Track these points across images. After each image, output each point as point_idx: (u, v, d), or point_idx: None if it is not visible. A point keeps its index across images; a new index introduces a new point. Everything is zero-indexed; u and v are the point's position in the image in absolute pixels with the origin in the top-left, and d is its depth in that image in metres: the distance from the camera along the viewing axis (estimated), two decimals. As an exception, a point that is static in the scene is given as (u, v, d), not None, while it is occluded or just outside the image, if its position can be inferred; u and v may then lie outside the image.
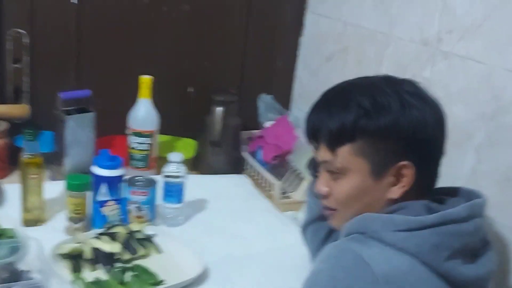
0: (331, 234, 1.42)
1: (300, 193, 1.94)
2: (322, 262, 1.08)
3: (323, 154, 1.16)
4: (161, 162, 1.98)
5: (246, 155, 2.17)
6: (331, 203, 1.20)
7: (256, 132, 2.27)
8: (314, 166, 1.34)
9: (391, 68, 1.79)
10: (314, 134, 1.18)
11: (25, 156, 1.53)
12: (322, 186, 1.20)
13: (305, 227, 1.50)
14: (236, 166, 2.15)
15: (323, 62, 2.17)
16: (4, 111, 1.88)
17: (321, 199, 1.23)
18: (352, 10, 1.99)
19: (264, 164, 2.08)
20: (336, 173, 1.16)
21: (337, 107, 1.13)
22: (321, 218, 1.40)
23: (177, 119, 2.20)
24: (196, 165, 2.11)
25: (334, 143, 1.14)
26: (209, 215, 1.80)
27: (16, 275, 1.25)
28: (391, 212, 1.12)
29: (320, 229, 1.43)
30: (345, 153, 1.13)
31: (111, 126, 2.07)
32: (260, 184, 2.07)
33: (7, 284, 1.21)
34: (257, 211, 1.86)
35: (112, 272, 1.39)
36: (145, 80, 1.89)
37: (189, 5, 2.13)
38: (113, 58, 2.08)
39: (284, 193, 1.97)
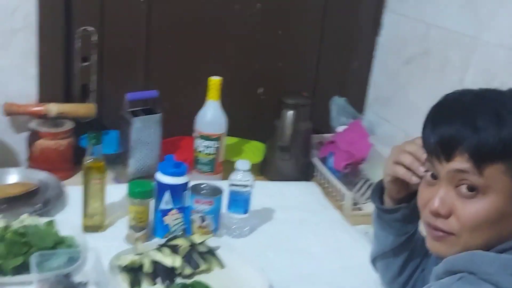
0: (405, 268, 1.30)
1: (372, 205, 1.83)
2: None
3: (461, 164, 0.96)
4: (227, 165, 1.91)
5: (316, 161, 2.06)
6: (450, 226, 0.99)
7: (327, 136, 2.17)
8: (379, 189, 1.25)
9: (478, 75, 1.66)
10: (449, 145, 0.97)
11: (88, 160, 1.48)
12: (442, 204, 0.99)
13: (374, 260, 1.36)
14: (305, 173, 2.06)
15: (401, 65, 2.04)
16: (69, 110, 1.84)
17: (433, 218, 1.01)
18: (437, 11, 1.86)
19: (335, 171, 1.98)
20: (472, 191, 0.96)
21: (486, 117, 0.95)
22: (393, 252, 1.29)
23: (245, 121, 2.12)
24: (263, 170, 2.03)
25: (483, 159, 0.94)
26: (275, 226, 1.70)
27: (71, 288, 1.20)
28: (504, 251, 0.96)
29: (393, 263, 1.30)
30: (494, 171, 0.94)
31: (177, 128, 2.02)
32: (330, 193, 1.97)
33: (61, 300, 1.16)
34: (327, 223, 1.75)
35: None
36: (215, 82, 1.82)
37: (261, 3, 2.04)
38: (181, 57, 2.01)
39: (355, 204, 1.86)
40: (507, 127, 0.94)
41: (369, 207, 1.82)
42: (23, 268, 1.29)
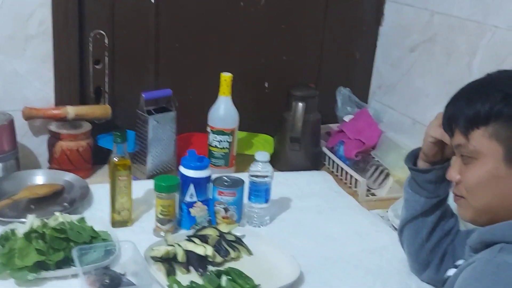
0: (434, 233, 1.37)
1: (385, 190, 1.89)
2: (477, 280, 1.01)
3: (457, 138, 1.15)
4: (238, 159, 1.96)
5: (325, 150, 2.12)
6: (460, 191, 1.18)
7: (334, 126, 2.23)
8: (413, 156, 1.36)
9: (487, 59, 1.71)
10: (450, 122, 1.17)
11: (114, 158, 1.53)
12: (454, 173, 1.19)
13: (403, 226, 1.43)
14: (315, 162, 2.11)
15: (405, 53, 2.09)
16: (86, 112, 1.88)
17: (453, 187, 1.21)
18: (440, -1, 1.91)
19: (345, 160, 2.03)
20: (468, 158, 1.14)
21: (477, 95, 1.12)
22: (423, 214, 1.36)
23: (253, 115, 2.17)
24: (274, 161, 2.06)
25: (468, 126, 1.12)
26: (294, 214, 1.76)
27: (117, 279, 1.25)
28: None
29: (422, 227, 1.38)
30: (479, 136, 1.11)
31: (190, 124, 2.07)
32: (341, 181, 2.02)
33: (110, 290, 1.20)
34: (344, 210, 1.80)
35: (206, 276, 1.36)
36: (226, 78, 1.87)
37: (265, -1, 2.10)
38: (189, 56, 2.06)
39: (368, 190, 1.92)
40: (488, 98, 1.10)
41: (382, 193, 1.89)
42: (63, 263, 1.34)
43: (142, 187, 1.74)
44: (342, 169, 2.02)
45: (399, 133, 2.03)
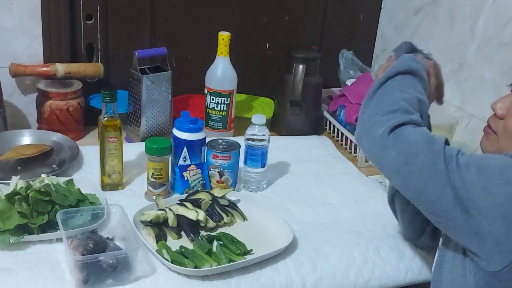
0: None
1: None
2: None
3: None
4: (238, 122, 1.90)
5: (326, 115, 2.05)
6: (497, 126, 1.16)
7: (336, 90, 2.16)
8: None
9: (490, 23, 1.64)
10: None
11: (103, 119, 1.46)
12: (501, 106, 1.16)
13: (394, 194, 1.35)
14: (315, 127, 2.05)
15: (410, 16, 2.02)
16: (77, 70, 1.81)
17: (490, 116, 1.19)
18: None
19: (346, 124, 1.97)
20: None
21: None
22: None
23: (253, 77, 2.10)
24: (273, 125, 2.01)
25: None
26: (291, 179, 1.70)
27: (101, 244, 1.19)
28: None
29: None
30: None
31: (187, 85, 2.00)
32: (341, 146, 1.96)
33: (94, 254, 1.15)
34: (342, 175, 1.75)
35: (197, 241, 1.31)
36: (224, 37, 1.79)
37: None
38: (187, 13, 1.98)
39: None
40: None
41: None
42: (48, 226, 1.28)
43: (135, 150, 1.69)
44: (342, 134, 1.96)
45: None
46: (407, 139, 1.06)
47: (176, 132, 1.52)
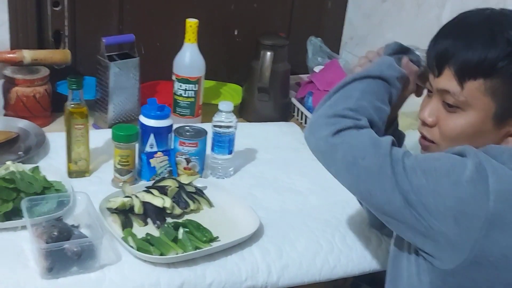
0: None
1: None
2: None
3: (446, 82, 1.08)
4: (206, 108, 1.90)
5: (294, 101, 2.07)
6: (433, 135, 1.13)
7: (304, 77, 2.17)
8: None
9: (456, 11, 1.65)
10: (441, 59, 1.08)
11: (69, 105, 1.46)
12: (429, 115, 1.13)
13: None
14: (283, 113, 2.06)
15: (378, 3, 2.04)
16: (44, 57, 1.79)
17: (421, 127, 1.16)
18: None
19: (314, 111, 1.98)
20: (454, 106, 1.08)
21: (481, 38, 1.03)
22: None
23: (221, 64, 2.11)
24: (241, 112, 2.02)
25: (466, 74, 1.05)
26: (259, 166, 1.71)
27: (66, 232, 1.19)
28: None
29: None
30: (474, 88, 1.05)
31: (155, 72, 1.99)
32: (309, 133, 1.98)
33: (58, 242, 1.15)
34: (310, 162, 1.72)
35: (163, 228, 1.32)
36: (192, 23, 1.79)
37: None
38: (156, 0, 1.97)
39: (336, 142, 1.88)
40: (495, 48, 1.01)
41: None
42: (13, 214, 1.28)
43: (103, 136, 1.68)
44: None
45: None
46: (353, 141, 1.06)
47: (143, 119, 1.53)
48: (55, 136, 1.68)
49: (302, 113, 2.02)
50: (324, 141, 1.09)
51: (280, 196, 1.57)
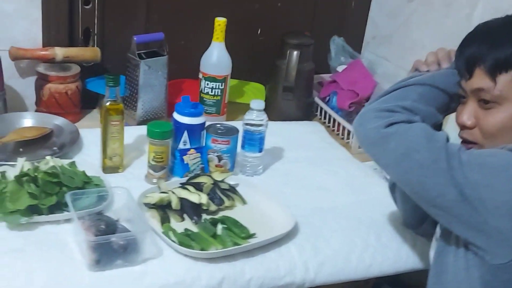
0: None
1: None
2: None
3: (479, 81, 1.12)
4: (228, 107, 1.93)
5: (318, 101, 2.09)
6: (474, 136, 1.15)
7: (326, 76, 2.20)
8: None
9: (488, 12, 1.66)
10: (470, 62, 1.13)
11: (106, 102, 1.48)
12: (468, 117, 1.15)
13: (394, 185, 1.38)
14: (306, 113, 2.09)
15: (403, 2, 2.05)
16: (76, 54, 1.82)
17: (461, 131, 1.18)
18: None
19: (338, 110, 2.01)
20: (490, 102, 1.11)
21: (505, 36, 1.10)
22: None
23: (244, 62, 2.11)
24: (265, 110, 2.03)
25: (497, 69, 1.09)
26: (286, 164, 1.74)
27: (111, 225, 1.22)
28: None
29: None
30: (507, 81, 1.09)
31: (179, 70, 2.01)
32: (333, 132, 2.01)
33: (106, 236, 1.18)
34: (336, 161, 1.79)
35: (201, 224, 1.35)
36: (220, 22, 1.81)
37: None
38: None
39: (360, 141, 1.90)
40: None
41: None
42: (55, 207, 1.31)
43: (132, 133, 1.70)
44: (334, 120, 2.00)
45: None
46: (406, 133, 1.10)
47: (177, 116, 1.55)
48: (87, 132, 1.71)
49: (325, 112, 2.05)
50: (376, 131, 1.12)
51: (310, 193, 1.59)
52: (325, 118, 2.06)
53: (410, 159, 1.08)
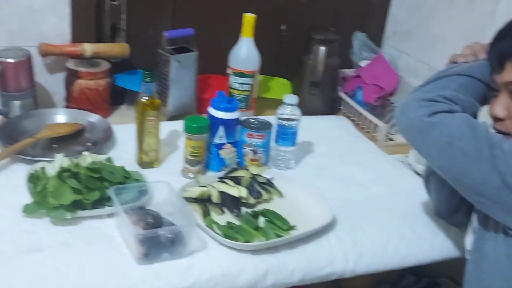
0: None
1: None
2: None
3: (510, 74, 1.13)
4: (257, 102, 1.94)
5: (343, 95, 2.10)
6: (508, 128, 1.17)
7: (348, 71, 2.20)
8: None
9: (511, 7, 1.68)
10: (502, 56, 1.15)
11: (142, 98, 1.49)
12: (501, 109, 1.17)
13: (429, 176, 1.40)
14: (332, 107, 2.10)
15: (425, -2, 2.06)
16: (104, 50, 1.83)
17: (494, 123, 1.19)
18: None
19: (363, 105, 2.02)
20: None
21: None
22: None
23: (269, 58, 2.12)
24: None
25: None
26: (317, 157, 1.75)
27: (158, 219, 1.23)
28: None
29: None
30: None
31: (206, 65, 2.02)
32: (358, 126, 2.02)
33: (154, 229, 1.19)
34: (365, 154, 1.80)
35: (242, 217, 1.36)
36: (249, 18, 1.82)
37: None
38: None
39: (387, 135, 1.92)
40: None
41: (401, 138, 1.88)
42: (97, 202, 1.32)
43: (163, 129, 1.70)
44: (359, 114, 2.01)
45: (416, 79, 2.01)
46: (449, 122, 1.13)
47: (213, 111, 1.56)
48: (119, 128, 1.72)
49: (350, 106, 2.06)
50: (419, 120, 1.15)
51: (342, 186, 1.61)
52: (350, 112, 2.07)
53: (453, 147, 1.11)
